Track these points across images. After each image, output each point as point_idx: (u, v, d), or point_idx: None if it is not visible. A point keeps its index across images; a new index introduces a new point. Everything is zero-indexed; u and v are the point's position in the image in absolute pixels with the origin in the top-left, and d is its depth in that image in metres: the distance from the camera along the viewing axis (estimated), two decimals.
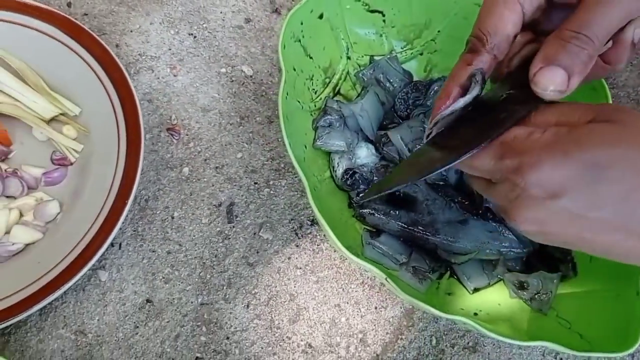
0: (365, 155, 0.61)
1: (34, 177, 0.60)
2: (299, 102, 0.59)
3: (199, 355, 0.58)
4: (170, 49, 0.70)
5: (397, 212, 0.57)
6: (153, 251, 0.61)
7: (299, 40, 0.58)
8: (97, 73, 0.62)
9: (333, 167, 0.61)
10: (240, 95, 0.67)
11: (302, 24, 0.58)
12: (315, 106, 0.62)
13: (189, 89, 0.68)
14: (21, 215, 0.59)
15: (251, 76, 0.68)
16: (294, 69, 0.58)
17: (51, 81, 0.63)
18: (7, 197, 0.60)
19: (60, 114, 0.62)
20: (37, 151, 0.62)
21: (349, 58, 0.65)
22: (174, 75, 0.68)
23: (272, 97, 0.68)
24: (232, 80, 0.68)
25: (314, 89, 0.62)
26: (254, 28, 0.71)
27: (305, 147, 0.59)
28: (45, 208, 0.59)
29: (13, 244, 0.57)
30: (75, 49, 0.63)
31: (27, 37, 0.63)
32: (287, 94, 0.55)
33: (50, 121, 0.62)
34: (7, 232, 0.58)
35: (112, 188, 0.57)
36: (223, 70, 0.69)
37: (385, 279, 0.49)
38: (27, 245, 0.58)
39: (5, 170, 0.60)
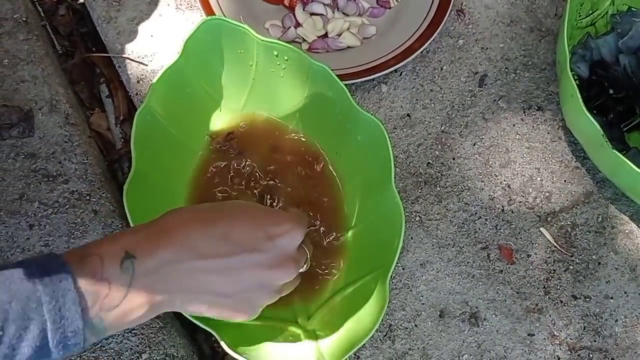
0: None
1: (364, 6, 0.86)
2: None
3: (430, 161, 0.81)
4: None
5: None
6: (422, 85, 0.85)
7: None
8: None
9: None
10: None
11: None
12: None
13: None
14: (349, 27, 0.85)
15: None
16: None
17: None
18: (344, 13, 0.86)
19: None
20: None
21: None
22: None
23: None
24: None
25: None
26: None
27: None
28: (366, 29, 0.84)
29: (341, 42, 0.83)
30: None
31: None
32: None
33: None
34: (339, 35, 0.84)
35: (421, 27, 0.81)
36: None
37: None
38: (348, 47, 0.84)
39: None
